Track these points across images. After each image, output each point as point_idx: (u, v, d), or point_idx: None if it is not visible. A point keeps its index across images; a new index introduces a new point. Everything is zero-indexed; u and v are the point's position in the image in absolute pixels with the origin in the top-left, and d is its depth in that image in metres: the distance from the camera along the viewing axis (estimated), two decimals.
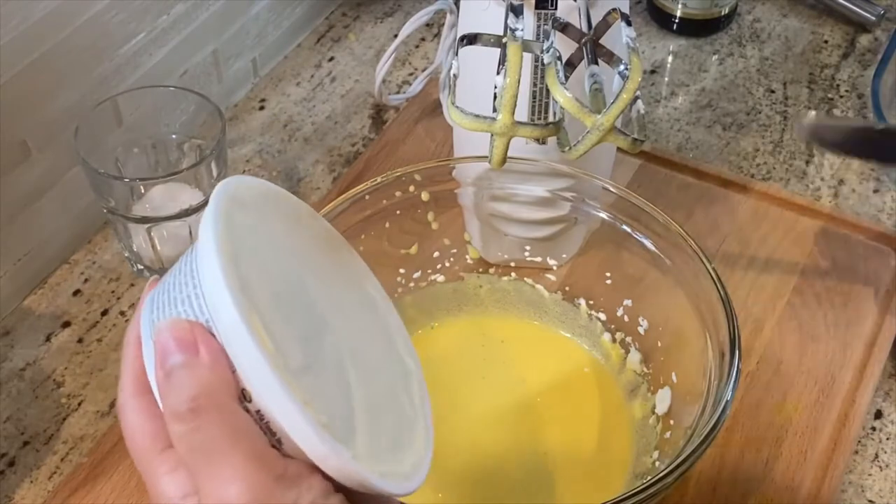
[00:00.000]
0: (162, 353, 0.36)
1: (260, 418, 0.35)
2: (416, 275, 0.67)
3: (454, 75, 0.58)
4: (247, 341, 0.34)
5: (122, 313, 0.71)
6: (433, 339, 0.66)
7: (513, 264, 0.69)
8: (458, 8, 0.66)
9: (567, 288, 0.67)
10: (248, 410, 0.35)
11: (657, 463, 0.57)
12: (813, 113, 0.53)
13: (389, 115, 0.86)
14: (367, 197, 0.62)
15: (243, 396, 0.35)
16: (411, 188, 0.63)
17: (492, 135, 0.55)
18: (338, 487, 0.36)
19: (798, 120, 0.57)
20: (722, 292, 0.56)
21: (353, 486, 0.36)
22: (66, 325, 0.71)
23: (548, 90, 0.56)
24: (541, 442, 0.61)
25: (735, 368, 0.53)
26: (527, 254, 0.69)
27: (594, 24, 0.60)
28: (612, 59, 0.58)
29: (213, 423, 0.34)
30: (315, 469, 0.35)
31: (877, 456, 0.64)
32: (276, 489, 0.34)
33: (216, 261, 0.35)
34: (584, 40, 0.59)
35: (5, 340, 0.70)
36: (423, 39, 0.94)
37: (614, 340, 0.65)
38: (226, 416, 0.34)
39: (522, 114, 0.63)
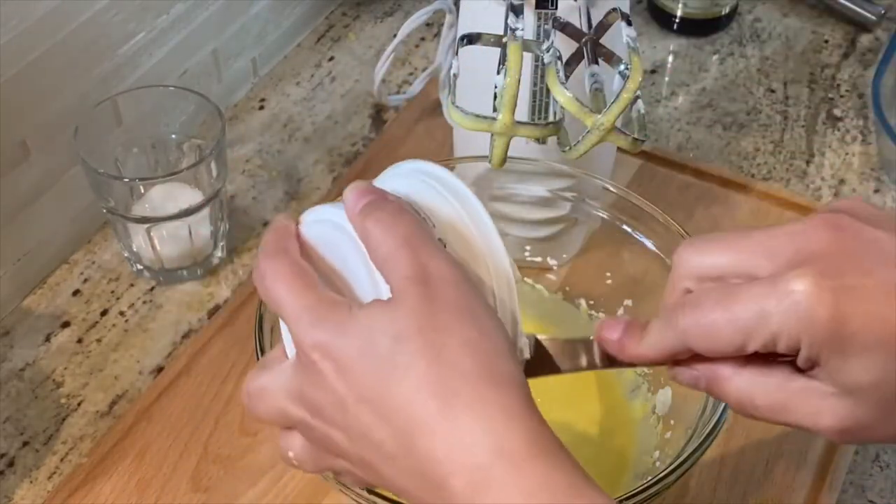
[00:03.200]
0: (352, 204, 0.42)
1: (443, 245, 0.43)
2: None
3: (454, 75, 0.58)
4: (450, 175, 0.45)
5: (122, 313, 0.71)
6: None
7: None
8: (457, 8, 0.66)
9: (567, 288, 0.67)
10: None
11: (658, 463, 0.57)
12: None
13: (389, 115, 0.86)
14: None
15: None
16: None
17: (492, 135, 0.55)
18: None
19: None
20: None
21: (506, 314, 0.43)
22: (66, 325, 0.71)
23: (548, 90, 0.56)
24: None
25: None
26: (527, 254, 0.69)
27: (594, 23, 0.59)
28: (612, 58, 0.58)
29: (411, 224, 0.41)
30: None
31: (877, 456, 0.64)
32: (457, 265, 0.41)
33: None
34: (584, 40, 0.59)
35: (5, 340, 0.70)
36: (422, 39, 0.94)
37: None
38: (416, 224, 0.42)
39: (522, 114, 0.63)
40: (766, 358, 0.41)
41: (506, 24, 0.57)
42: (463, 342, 0.38)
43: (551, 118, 0.61)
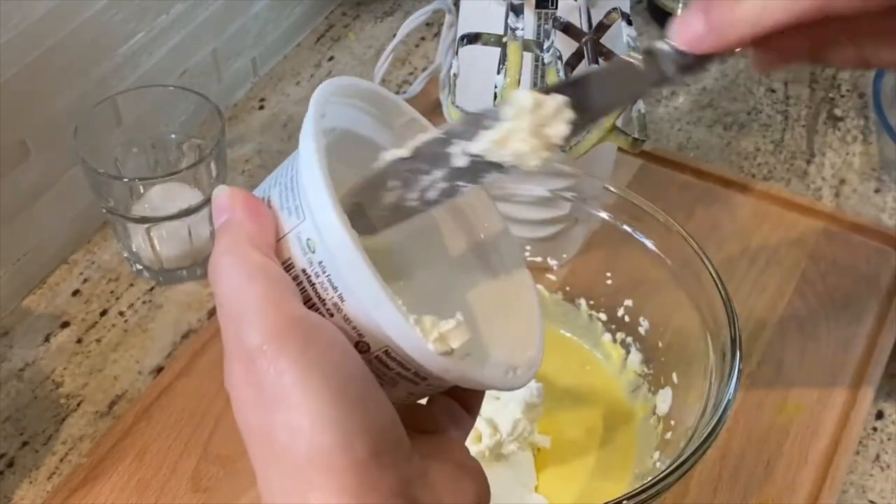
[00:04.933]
0: (214, 219, 0.38)
1: (322, 270, 0.36)
2: None
3: (454, 75, 0.58)
4: (319, 183, 0.35)
5: (122, 313, 0.71)
6: None
7: None
8: (457, 8, 0.66)
9: (567, 288, 0.67)
10: (311, 262, 0.36)
11: (658, 463, 0.57)
12: None
13: None
14: None
15: (308, 247, 0.36)
16: None
17: None
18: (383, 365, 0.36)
19: None
20: (723, 292, 0.56)
21: (406, 347, 0.35)
22: (65, 325, 0.71)
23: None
24: (541, 442, 0.61)
25: (736, 369, 0.52)
26: (527, 254, 0.68)
27: (594, 23, 0.60)
28: (612, 58, 0.58)
29: (232, 267, 0.35)
30: (343, 333, 0.35)
31: (878, 456, 0.64)
32: (288, 330, 0.33)
33: (312, 141, 0.36)
34: (584, 40, 0.59)
35: (4, 340, 0.70)
36: (422, 39, 0.94)
37: (615, 341, 0.65)
38: (243, 261, 0.35)
39: None
40: None
41: (506, 24, 0.57)
42: (287, 434, 0.33)
43: None
